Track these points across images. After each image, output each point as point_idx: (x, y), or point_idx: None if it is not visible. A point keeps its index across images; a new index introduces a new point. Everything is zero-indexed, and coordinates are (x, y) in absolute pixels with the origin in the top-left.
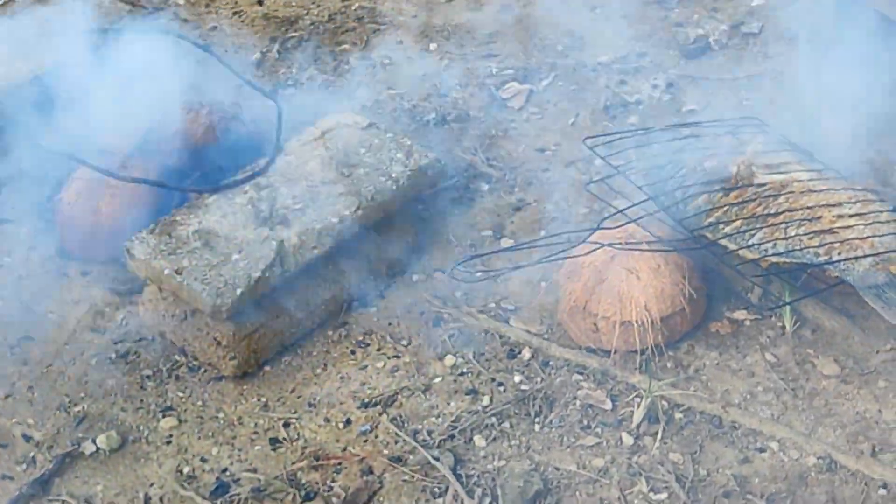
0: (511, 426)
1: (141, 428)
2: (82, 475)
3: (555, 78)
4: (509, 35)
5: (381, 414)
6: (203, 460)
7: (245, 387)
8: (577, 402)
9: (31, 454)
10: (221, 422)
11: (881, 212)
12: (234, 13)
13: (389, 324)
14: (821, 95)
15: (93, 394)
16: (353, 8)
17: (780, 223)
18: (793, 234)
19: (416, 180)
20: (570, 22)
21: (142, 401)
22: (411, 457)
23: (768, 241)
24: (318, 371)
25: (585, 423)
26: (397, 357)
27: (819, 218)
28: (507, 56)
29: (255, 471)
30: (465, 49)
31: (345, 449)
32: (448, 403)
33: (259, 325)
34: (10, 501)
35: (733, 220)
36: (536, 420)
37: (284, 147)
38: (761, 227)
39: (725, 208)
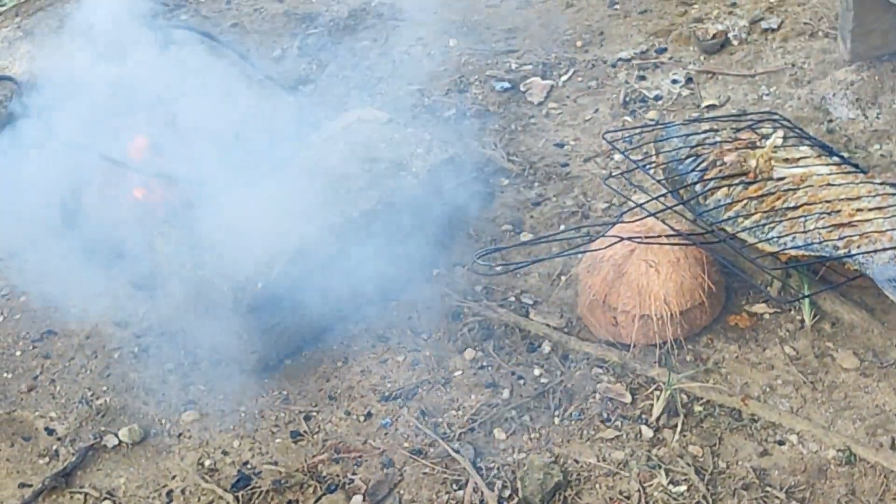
0: (531, 419)
1: (163, 421)
2: (105, 468)
3: (574, 73)
4: (529, 31)
5: (401, 407)
6: (224, 453)
7: (266, 380)
8: (597, 396)
9: (54, 447)
10: (243, 415)
11: None
12: (255, 10)
13: (409, 318)
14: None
15: (115, 387)
16: (374, 4)
17: (799, 217)
18: (812, 227)
19: (436, 175)
20: (590, 18)
21: (164, 394)
22: (431, 449)
23: (787, 235)
24: (339, 364)
25: (605, 416)
26: (417, 351)
27: (838, 211)
28: (526, 51)
29: (276, 464)
30: (484, 45)
31: (365, 442)
32: (468, 396)
33: (280, 318)
34: (33, 493)
35: (752, 214)
36: (556, 413)
37: (305, 142)
38: (780, 221)
39: (744, 202)
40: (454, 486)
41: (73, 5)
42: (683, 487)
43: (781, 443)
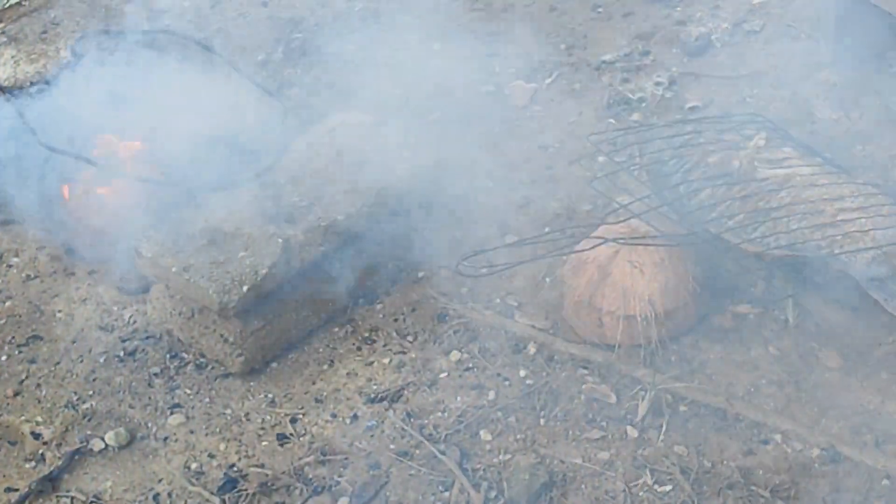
0: (516, 420)
1: (149, 425)
2: (91, 472)
3: (558, 76)
4: (512, 34)
5: (387, 409)
6: (211, 456)
7: (252, 383)
8: (582, 396)
9: (40, 451)
10: (229, 418)
11: (883, 205)
12: (239, 15)
13: (395, 320)
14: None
15: (101, 391)
16: (357, 9)
17: (783, 217)
18: (795, 227)
19: (422, 177)
20: (573, 21)
21: (150, 398)
22: (418, 451)
23: (771, 235)
24: (325, 367)
25: (590, 416)
26: (403, 353)
27: (821, 211)
28: (510, 55)
29: (262, 466)
30: (469, 48)
31: (351, 444)
32: (454, 398)
33: (266, 321)
34: (19, 498)
35: (736, 215)
36: (542, 414)
37: (290, 145)
38: (764, 221)
39: (728, 203)
40: (440, 488)
41: (59, 11)
42: (669, 487)
43: (766, 442)
